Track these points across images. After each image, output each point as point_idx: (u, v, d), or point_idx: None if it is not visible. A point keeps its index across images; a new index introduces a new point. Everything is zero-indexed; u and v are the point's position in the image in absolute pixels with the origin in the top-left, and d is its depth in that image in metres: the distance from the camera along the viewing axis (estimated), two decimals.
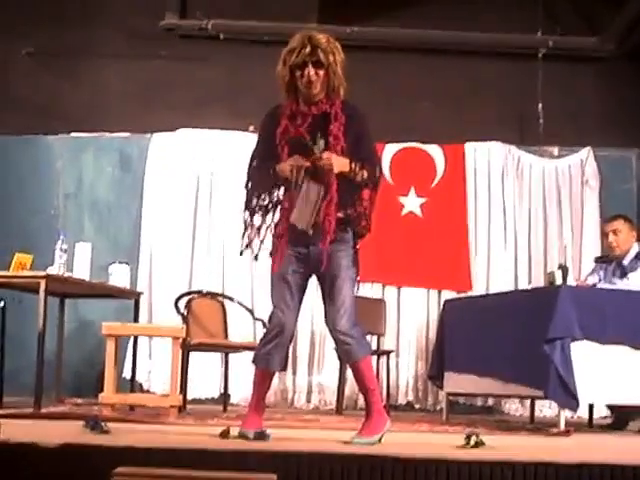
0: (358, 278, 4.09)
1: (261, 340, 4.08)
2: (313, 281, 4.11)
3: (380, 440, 3.94)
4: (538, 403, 7.25)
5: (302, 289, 4.06)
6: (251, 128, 7.96)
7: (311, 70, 3.88)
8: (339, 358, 4.12)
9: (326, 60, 3.89)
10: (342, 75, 3.97)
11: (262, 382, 4.08)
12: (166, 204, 8.14)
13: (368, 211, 4.07)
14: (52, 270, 5.90)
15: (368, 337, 7.57)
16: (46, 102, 8.53)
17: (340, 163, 3.86)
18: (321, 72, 3.90)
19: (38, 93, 8.58)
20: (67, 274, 6.07)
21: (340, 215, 3.94)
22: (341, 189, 3.89)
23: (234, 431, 3.90)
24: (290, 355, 7.33)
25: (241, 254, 4.10)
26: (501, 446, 3.89)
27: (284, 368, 4.17)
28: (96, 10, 8.66)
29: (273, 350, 3.99)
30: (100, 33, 8.63)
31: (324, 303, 4.04)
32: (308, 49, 3.87)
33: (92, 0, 8.70)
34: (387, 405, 7.27)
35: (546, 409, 7.55)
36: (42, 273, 5.73)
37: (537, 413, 7.25)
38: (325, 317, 4.03)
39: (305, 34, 3.94)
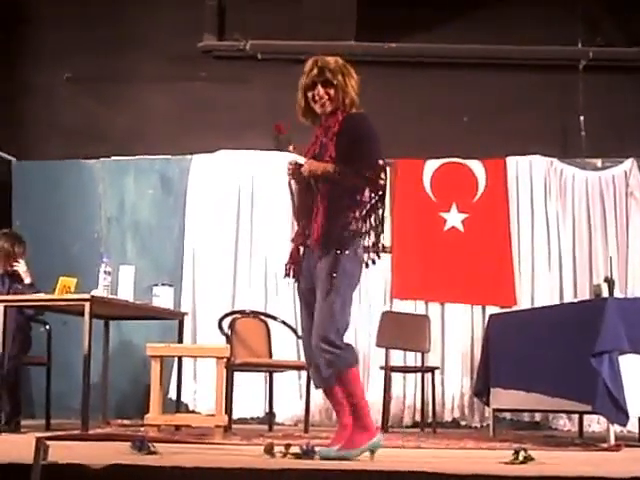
0: (346, 282, 3.92)
1: None
2: (356, 296, 4.09)
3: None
4: (586, 418, 7.14)
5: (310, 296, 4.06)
6: (290, 148, 7.96)
7: (320, 90, 4.05)
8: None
9: (334, 78, 4.04)
10: (354, 94, 4.08)
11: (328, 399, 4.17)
12: (208, 225, 8.17)
13: (358, 219, 3.98)
14: (96, 292, 5.94)
15: (412, 354, 7.60)
16: (87, 126, 8.63)
17: (315, 166, 3.96)
18: (331, 91, 4.05)
19: (79, 118, 8.69)
20: (111, 296, 6.10)
21: (326, 224, 3.94)
22: (332, 198, 3.95)
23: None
24: None
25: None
26: (550, 461, 3.82)
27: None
28: (134, 34, 8.75)
29: (313, 369, 4.08)
30: (139, 57, 8.72)
31: None
32: (315, 70, 4.06)
33: (130, 25, 8.79)
34: (433, 422, 7.22)
35: (595, 424, 7.43)
36: (86, 295, 5.76)
37: (586, 428, 7.13)
38: None
39: (314, 58, 4.13)
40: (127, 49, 8.74)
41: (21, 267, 6.43)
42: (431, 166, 8.26)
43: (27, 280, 6.43)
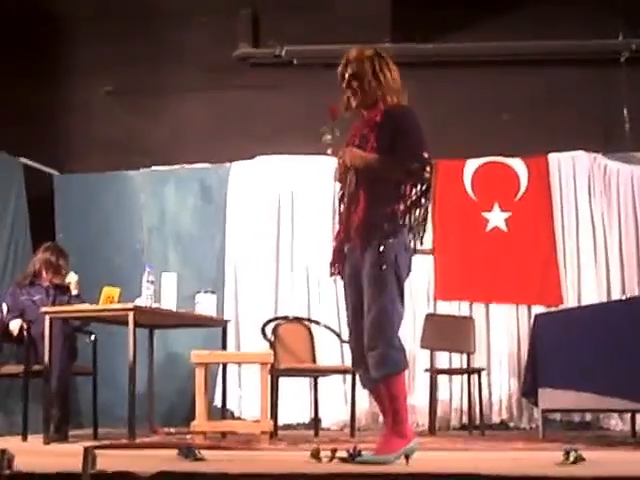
0: (392, 273, 3.81)
1: None
2: None
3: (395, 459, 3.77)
4: (639, 417, 7.01)
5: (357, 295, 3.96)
6: (329, 151, 7.93)
7: (345, 82, 4.06)
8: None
9: (356, 69, 4.03)
10: (386, 81, 4.02)
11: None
12: (248, 231, 8.18)
13: (402, 211, 3.90)
14: (140, 302, 5.96)
15: (457, 356, 7.53)
16: (126, 138, 8.69)
17: (356, 155, 3.95)
18: (354, 82, 4.04)
19: (118, 130, 8.74)
20: (155, 305, 6.12)
21: (368, 215, 3.88)
22: (374, 189, 3.90)
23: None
24: None
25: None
26: (602, 462, 3.75)
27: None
28: (170, 46, 8.79)
29: (363, 370, 3.98)
30: (176, 68, 8.76)
31: None
32: (343, 63, 4.09)
33: (166, 37, 8.82)
34: (481, 424, 7.14)
35: None
36: (130, 305, 5.80)
37: (638, 427, 6.99)
38: None
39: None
40: (164, 61, 8.79)
41: (73, 278, 6.55)
42: (472, 166, 8.19)
43: (75, 292, 6.54)
